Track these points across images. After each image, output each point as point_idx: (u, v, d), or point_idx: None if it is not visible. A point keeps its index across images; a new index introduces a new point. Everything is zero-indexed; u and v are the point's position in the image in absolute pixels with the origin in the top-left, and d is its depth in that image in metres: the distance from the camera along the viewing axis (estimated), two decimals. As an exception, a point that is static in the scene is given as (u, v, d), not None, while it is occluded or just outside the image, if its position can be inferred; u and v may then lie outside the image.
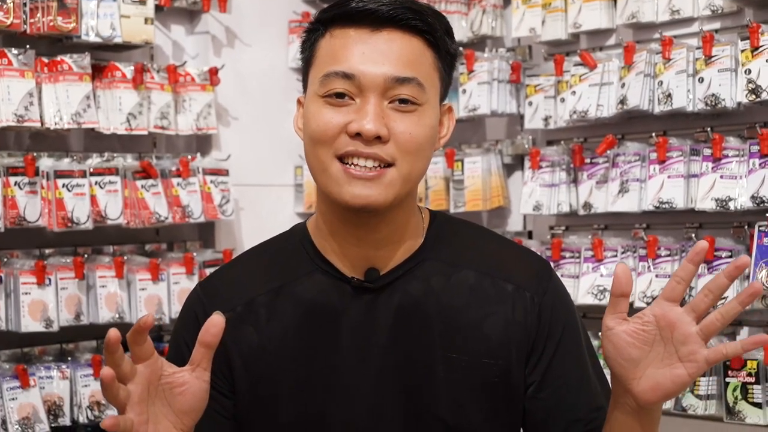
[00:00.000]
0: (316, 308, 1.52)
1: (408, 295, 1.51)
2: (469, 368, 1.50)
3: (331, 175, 1.45)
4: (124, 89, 3.17)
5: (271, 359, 1.51)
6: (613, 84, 2.91)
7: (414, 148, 1.45)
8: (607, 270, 2.93)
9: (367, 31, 1.45)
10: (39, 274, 2.94)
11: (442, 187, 3.37)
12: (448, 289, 1.52)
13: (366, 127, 1.41)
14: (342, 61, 1.44)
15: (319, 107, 1.45)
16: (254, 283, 1.56)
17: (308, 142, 1.48)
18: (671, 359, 1.38)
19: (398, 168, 1.45)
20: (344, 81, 1.44)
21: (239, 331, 1.51)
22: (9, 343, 3.04)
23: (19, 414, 2.86)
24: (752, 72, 2.60)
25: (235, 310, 1.52)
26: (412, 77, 1.45)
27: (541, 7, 3.13)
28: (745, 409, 2.63)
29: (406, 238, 1.53)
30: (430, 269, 1.53)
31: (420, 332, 1.50)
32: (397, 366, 1.50)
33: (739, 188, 2.66)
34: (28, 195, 2.94)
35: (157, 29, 3.34)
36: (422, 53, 1.48)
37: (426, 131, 1.47)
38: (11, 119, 2.89)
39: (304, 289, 1.53)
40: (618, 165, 2.92)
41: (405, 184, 1.46)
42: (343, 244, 1.52)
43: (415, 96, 1.45)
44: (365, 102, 1.43)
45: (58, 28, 2.99)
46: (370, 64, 1.44)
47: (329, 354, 1.50)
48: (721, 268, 2.69)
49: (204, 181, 3.35)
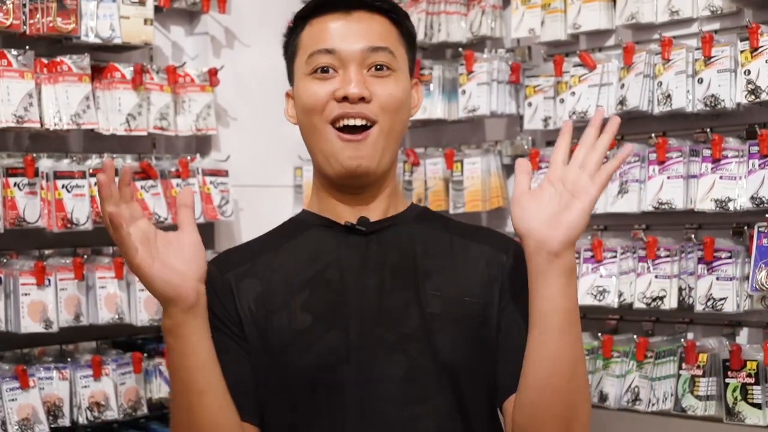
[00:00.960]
0: (313, 252, 1.70)
1: (397, 240, 1.71)
2: (452, 304, 1.66)
3: (327, 138, 1.67)
4: (123, 90, 3.17)
5: (275, 301, 1.66)
6: (612, 85, 2.91)
7: (394, 106, 1.68)
8: (607, 271, 2.93)
9: (340, 14, 1.69)
10: (38, 274, 2.94)
11: (442, 187, 3.37)
12: (431, 239, 1.73)
13: (351, 90, 1.65)
14: (324, 40, 1.68)
15: (309, 82, 1.69)
16: (257, 248, 1.75)
17: (302, 116, 1.71)
18: (567, 197, 1.55)
19: (380, 125, 1.67)
20: (327, 56, 1.67)
21: (245, 283, 1.68)
22: (8, 344, 3.04)
23: (18, 415, 2.86)
24: (752, 73, 2.60)
25: (238, 268, 1.70)
26: (384, 46, 1.69)
27: (541, 7, 3.13)
28: (744, 410, 2.63)
29: (392, 200, 1.75)
30: (414, 227, 1.75)
31: (409, 272, 1.68)
32: (390, 300, 1.66)
33: (739, 189, 2.65)
34: (28, 196, 2.94)
35: (156, 30, 3.34)
36: (389, 29, 1.72)
37: (402, 92, 1.70)
38: (11, 120, 2.89)
39: (302, 240, 1.73)
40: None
41: (387, 140, 1.68)
42: (337, 203, 1.72)
43: (388, 62, 1.69)
44: (347, 71, 1.67)
45: (57, 29, 2.98)
46: (348, 40, 1.68)
47: (328, 291, 1.67)
48: (722, 270, 2.69)
49: (203, 181, 3.35)
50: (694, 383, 2.71)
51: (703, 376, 2.70)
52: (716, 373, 2.69)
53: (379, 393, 1.61)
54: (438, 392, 1.63)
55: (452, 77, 3.35)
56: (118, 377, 3.09)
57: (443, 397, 1.63)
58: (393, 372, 1.62)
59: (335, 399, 1.61)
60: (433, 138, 3.53)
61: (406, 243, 1.71)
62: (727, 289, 2.67)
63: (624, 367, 2.88)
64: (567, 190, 1.54)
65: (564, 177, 1.56)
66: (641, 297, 2.84)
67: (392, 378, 1.62)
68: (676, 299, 2.79)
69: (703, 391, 2.70)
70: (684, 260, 2.79)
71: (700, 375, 2.71)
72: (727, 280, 2.68)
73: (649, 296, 2.82)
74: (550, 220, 1.53)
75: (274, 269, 1.70)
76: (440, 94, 3.36)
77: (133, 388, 3.13)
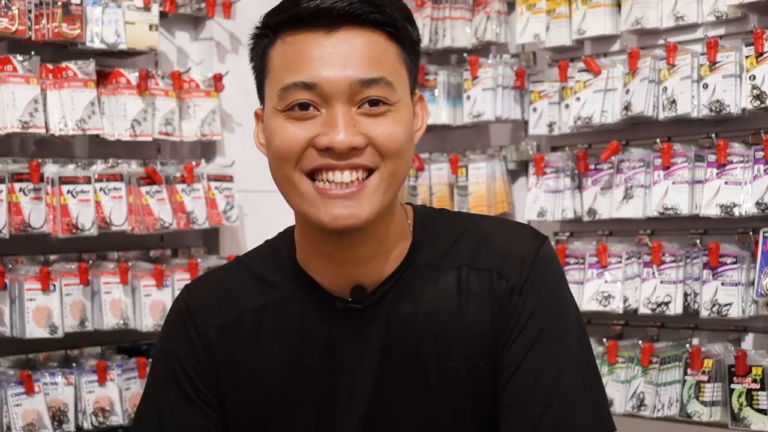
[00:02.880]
0: (303, 331, 1.42)
1: (397, 312, 1.40)
2: (466, 375, 1.40)
3: (303, 194, 1.33)
4: (128, 95, 3.17)
5: (261, 380, 1.43)
6: (617, 90, 2.91)
7: (396, 150, 1.33)
8: (612, 276, 2.92)
9: (322, 32, 1.32)
10: (44, 280, 2.94)
11: (446, 193, 3.37)
12: (437, 296, 1.40)
13: (337, 139, 1.29)
14: (300, 70, 1.31)
15: (281, 123, 1.34)
16: (241, 296, 1.46)
17: (273, 161, 1.37)
18: None
19: (380, 173, 1.33)
20: (305, 92, 1.31)
21: (228, 345, 1.44)
22: (14, 350, 3.04)
23: (23, 420, 2.86)
24: (757, 78, 2.60)
25: (223, 321, 1.44)
26: (379, 77, 1.32)
27: (546, 13, 3.13)
28: (750, 415, 2.62)
29: (393, 247, 1.42)
30: (418, 278, 1.42)
31: (413, 348, 1.40)
32: (392, 386, 1.40)
33: (744, 194, 2.65)
34: (33, 201, 2.94)
35: (161, 36, 3.34)
36: (386, 48, 1.34)
37: (404, 129, 1.35)
38: (16, 126, 2.89)
39: (290, 308, 1.43)
40: (622, 171, 2.91)
41: (388, 190, 1.34)
42: (326, 263, 1.41)
43: (385, 96, 1.32)
44: (332, 112, 1.31)
45: (63, 34, 2.99)
46: (332, 68, 1.30)
47: (320, 378, 1.41)
48: (727, 275, 2.68)
49: (208, 187, 3.35)
50: (700, 389, 2.70)
51: (708, 382, 2.69)
52: (721, 379, 2.69)
53: None
54: None
55: (457, 83, 3.35)
56: (123, 382, 3.09)
57: None
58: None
59: None
60: (437, 143, 3.53)
61: (411, 311, 1.40)
62: (733, 295, 2.67)
63: (629, 372, 2.88)
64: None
65: None
66: (646, 302, 2.83)
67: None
68: (681, 305, 2.78)
69: (708, 397, 2.69)
70: (689, 266, 2.79)
71: (706, 380, 2.70)
72: (733, 285, 2.67)
73: (654, 302, 2.82)
74: None
75: (261, 339, 1.43)
76: (445, 99, 3.36)
77: (138, 393, 3.12)
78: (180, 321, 1.47)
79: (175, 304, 1.52)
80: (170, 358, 1.46)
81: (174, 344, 1.47)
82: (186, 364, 1.44)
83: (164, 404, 1.46)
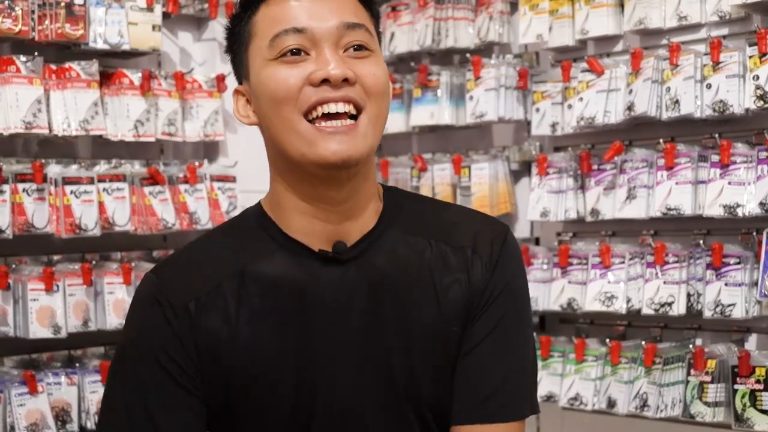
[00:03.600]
0: (284, 288, 1.46)
1: (375, 268, 1.47)
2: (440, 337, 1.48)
3: (302, 134, 1.41)
4: (131, 96, 3.17)
5: (244, 349, 1.44)
6: (620, 90, 2.90)
7: (380, 89, 1.45)
8: (615, 277, 2.92)
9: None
10: (47, 280, 2.94)
11: (449, 193, 3.37)
12: (413, 260, 1.49)
13: (332, 72, 1.40)
14: (288, 20, 1.43)
15: (275, 68, 1.43)
16: (215, 268, 1.48)
17: (269, 108, 1.45)
18: None
19: (368, 112, 1.43)
20: (296, 36, 1.42)
21: (205, 321, 1.44)
22: (17, 350, 3.04)
23: (27, 420, 2.86)
24: (760, 78, 2.60)
25: (198, 297, 1.45)
26: (361, 23, 1.45)
27: (548, 13, 3.12)
28: (753, 416, 2.62)
29: (368, 205, 1.50)
30: (393, 239, 1.50)
31: (393, 302, 1.47)
32: (371, 338, 1.46)
33: (748, 195, 2.65)
34: (36, 202, 2.95)
35: (164, 36, 3.34)
36: (359, 8, 1.48)
37: (384, 74, 1.47)
38: (19, 126, 2.89)
39: (269, 269, 1.46)
40: (625, 171, 2.91)
41: (375, 131, 1.45)
42: (309, 220, 1.47)
43: (366, 41, 1.45)
44: (322, 53, 1.42)
45: (66, 35, 2.99)
46: (318, 16, 1.43)
47: (303, 334, 1.45)
48: (731, 276, 2.68)
49: (211, 187, 3.35)
50: (703, 389, 2.70)
51: (711, 383, 2.69)
52: (725, 380, 2.68)
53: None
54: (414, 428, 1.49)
55: (460, 83, 3.35)
56: (126, 383, 3.09)
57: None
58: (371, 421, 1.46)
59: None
60: (440, 144, 3.53)
61: (388, 265, 1.48)
62: (736, 295, 2.67)
63: (632, 373, 2.88)
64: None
65: None
66: (649, 303, 2.83)
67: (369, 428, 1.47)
68: (684, 305, 2.78)
69: (711, 398, 2.69)
70: (692, 266, 2.79)
71: (709, 381, 2.70)
72: (736, 285, 2.67)
73: (658, 302, 2.82)
74: None
75: (240, 306, 1.44)
76: (448, 99, 3.35)
77: (141, 393, 3.13)
78: (153, 305, 1.45)
79: (141, 292, 1.50)
80: (146, 345, 1.45)
81: (149, 330, 1.45)
82: (166, 345, 1.43)
83: (140, 392, 1.44)
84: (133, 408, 1.44)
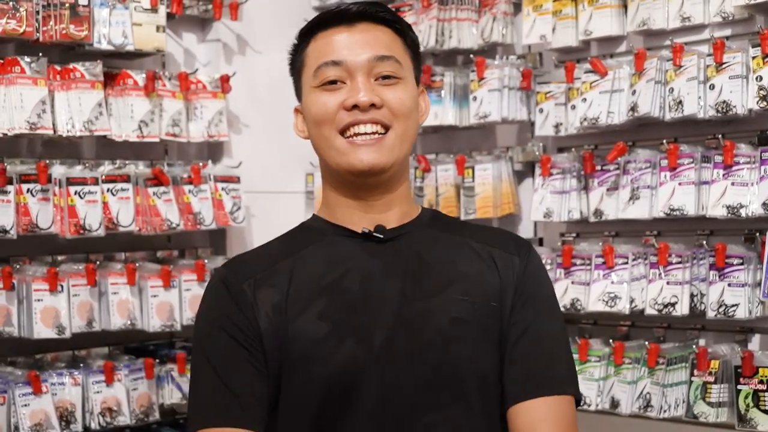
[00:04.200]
0: (330, 261, 1.67)
1: (412, 247, 1.69)
2: (479, 310, 1.65)
3: (338, 148, 1.66)
4: (135, 97, 3.18)
5: (293, 311, 1.63)
6: (623, 91, 2.90)
7: (405, 111, 1.67)
8: (618, 277, 2.92)
9: (345, 27, 1.68)
10: (51, 280, 2.94)
11: (453, 194, 3.37)
12: (449, 245, 1.72)
13: (361, 98, 1.63)
14: (329, 53, 1.67)
15: (317, 95, 1.68)
16: (272, 257, 1.71)
17: (312, 127, 1.69)
18: None
19: (394, 130, 1.66)
20: (334, 68, 1.66)
21: (262, 291, 1.65)
22: (21, 350, 3.05)
23: (31, 420, 2.87)
24: (763, 79, 2.59)
25: (256, 276, 1.67)
26: (390, 55, 1.67)
27: (552, 14, 3.12)
28: (756, 416, 2.62)
29: (405, 205, 1.73)
30: (427, 232, 1.73)
31: (427, 278, 1.66)
32: (409, 309, 1.63)
33: (751, 195, 2.65)
34: (41, 202, 2.95)
35: (168, 37, 3.35)
36: (393, 39, 1.70)
37: (411, 98, 1.69)
38: (24, 127, 2.90)
39: (319, 248, 1.70)
40: (629, 172, 2.91)
41: (401, 145, 1.67)
42: (352, 211, 1.70)
43: (395, 71, 1.67)
44: (355, 81, 1.65)
45: (70, 36, 3.00)
46: (354, 51, 1.66)
47: (346, 299, 1.64)
48: (734, 276, 2.68)
49: (215, 188, 3.36)
50: (706, 390, 2.70)
51: (714, 383, 2.69)
52: (728, 380, 2.68)
53: (397, 401, 1.60)
54: (458, 399, 1.62)
55: (463, 83, 3.35)
56: (130, 383, 3.10)
57: (463, 405, 1.62)
58: (412, 381, 1.61)
59: (354, 408, 1.60)
60: (444, 144, 3.53)
61: (423, 249, 1.69)
62: (739, 296, 2.67)
63: (635, 373, 2.87)
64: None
65: None
66: (653, 303, 2.83)
67: (411, 386, 1.61)
68: (687, 305, 2.78)
69: (715, 398, 2.69)
70: (696, 266, 2.79)
71: (712, 381, 2.70)
72: (739, 286, 2.67)
73: (661, 302, 2.82)
74: None
75: (292, 277, 1.66)
76: (451, 100, 3.36)
77: (145, 393, 3.13)
78: (220, 287, 1.68)
79: (211, 280, 1.75)
80: (214, 317, 1.67)
81: (216, 306, 1.67)
82: (231, 316, 1.64)
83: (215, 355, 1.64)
84: (206, 371, 1.64)
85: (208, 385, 1.63)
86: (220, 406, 1.60)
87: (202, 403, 1.64)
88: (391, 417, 1.60)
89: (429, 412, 1.61)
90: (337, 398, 1.60)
